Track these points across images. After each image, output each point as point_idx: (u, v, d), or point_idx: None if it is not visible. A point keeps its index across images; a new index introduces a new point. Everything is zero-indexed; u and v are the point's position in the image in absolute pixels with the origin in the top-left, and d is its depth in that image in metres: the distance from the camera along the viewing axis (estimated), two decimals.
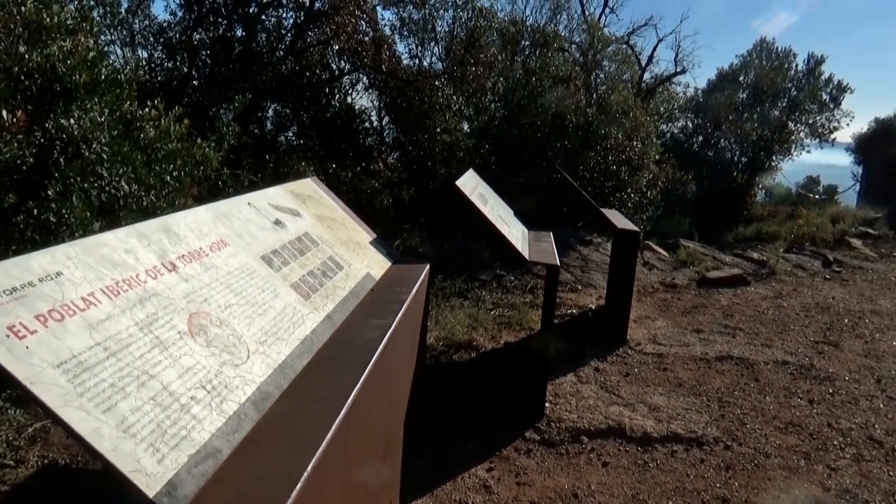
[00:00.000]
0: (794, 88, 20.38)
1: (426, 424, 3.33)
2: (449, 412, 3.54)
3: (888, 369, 4.74)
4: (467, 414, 3.55)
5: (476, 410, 3.58)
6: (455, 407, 3.62)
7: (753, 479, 3.12)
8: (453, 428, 3.40)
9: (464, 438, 3.31)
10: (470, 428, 3.41)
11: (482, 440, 3.31)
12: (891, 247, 9.98)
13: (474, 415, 3.54)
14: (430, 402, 3.54)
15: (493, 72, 10.44)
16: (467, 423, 3.46)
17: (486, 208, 3.51)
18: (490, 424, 3.46)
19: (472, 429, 3.41)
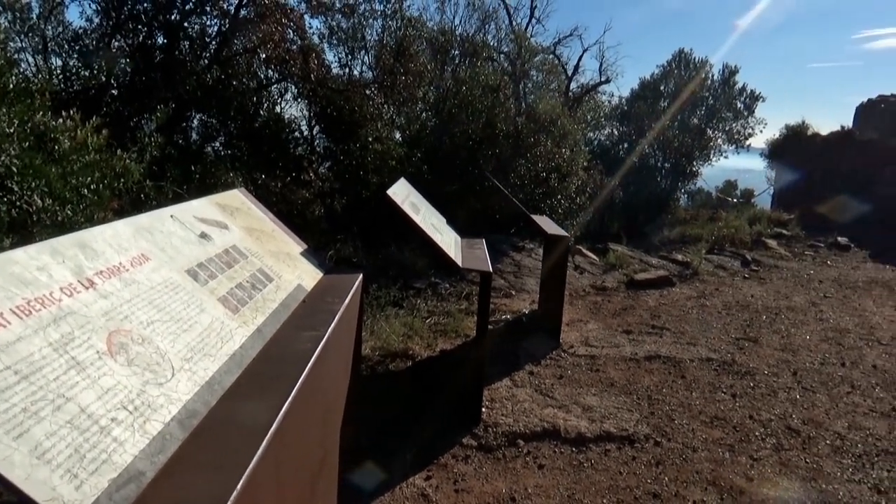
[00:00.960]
0: (711, 97, 21.35)
1: (363, 435, 3.31)
2: (386, 422, 3.52)
3: (803, 362, 5.02)
4: (405, 423, 3.54)
5: (413, 419, 3.58)
6: (392, 417, 3.60)
7: (682, 473, 3.23)
8: (391, 438, 3.38)
9: (402, 448, 3.29)
10: (408, 437, 3.40)
11: (420, 449, 3.31)
12: (803, 246, 10.56)
13: (412, 424, 3.53)
14: (366, 412, 3.51)
15: (424, 81, 10.50)
16: (405, 432, 3.45)
17: (418, 217, 3.52)
18: (428, 433, 3.46)
19: (410, 438, 3.40)
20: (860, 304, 7.01)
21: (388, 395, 3.89)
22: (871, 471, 3.38)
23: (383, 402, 3.76)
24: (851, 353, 5.32)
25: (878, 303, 7.12)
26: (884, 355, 5.30)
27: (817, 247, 10.55)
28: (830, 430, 3.84)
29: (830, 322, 6.19)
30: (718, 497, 3.03)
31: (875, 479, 3.29)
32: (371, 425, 3.45)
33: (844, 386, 4.57)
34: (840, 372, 4.85)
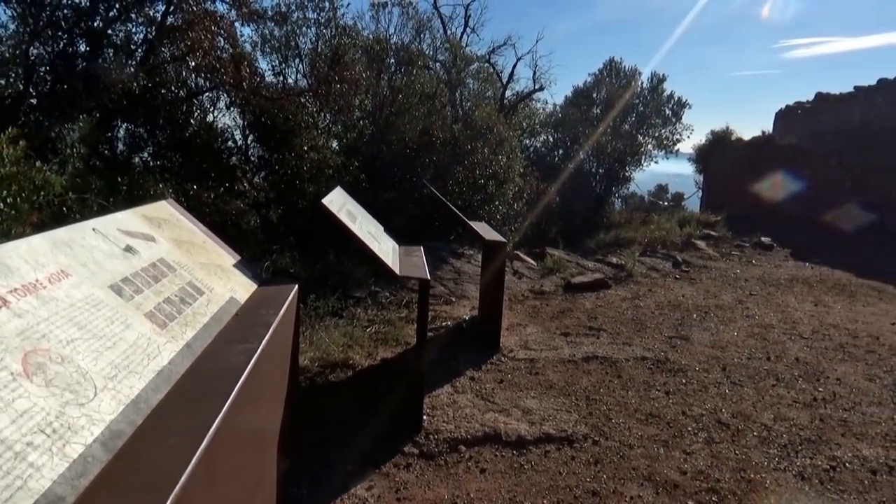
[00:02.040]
0: (641, 104, 22.05)
1: (303, 448, 3.25)
2: (326, 434, 3.47)
3: (731, 357, 5.23)
4: (345, 434, 3.50)
5: (354, 429, 3.54)
6: (332, 427, 3.55)
7: (620, 471, 3.31)
8: (331, 449, 3.33)
9: (343, 459, 3.25)
10: (349, 448, 3.36)
11: (361, 459, 3.27)
12: (729, 247, 11.02)
13: (353, 434, 3.50)
14: (306, 425, 3.45)
15: (360, 89, 10.46)
16: (346, 443, 3.41)
17: (354, 226, 3.50)
18: (369, 442, 3.43)
19: (351, 448, 3.36)
20: (783, 300, 7.36)
21: (328, 406, 3.83)
22: (795, 459, 3.55)
23: (323, 414, 3.71)
24: (776, 347, 5.57)
25: (800, 299, 7.50)
26: (805, 348, 5.58)
27: (743, 247, 11.03)
28: (758, 422, 4.00)
29: (756, 319, 6.47)
30: (654, 492, 3.12)
31: (799, 467, 3.46)
32: (311, 437, 3.39)
33: (770, 379, 4.78)
34: (766, 366, 5.07)
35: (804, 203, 14.46)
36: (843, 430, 3.97)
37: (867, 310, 7.17)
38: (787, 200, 14.75)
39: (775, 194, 14.77)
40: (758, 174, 15.43)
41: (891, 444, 3.82)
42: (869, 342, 5.86)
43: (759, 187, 15.18)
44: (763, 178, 15.26)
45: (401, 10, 14.96)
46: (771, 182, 15.01)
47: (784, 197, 14.77)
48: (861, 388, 4.69)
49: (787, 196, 14.77)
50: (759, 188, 15.16)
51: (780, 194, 14.74)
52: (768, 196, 14.94)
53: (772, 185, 14.97)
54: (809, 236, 12.17)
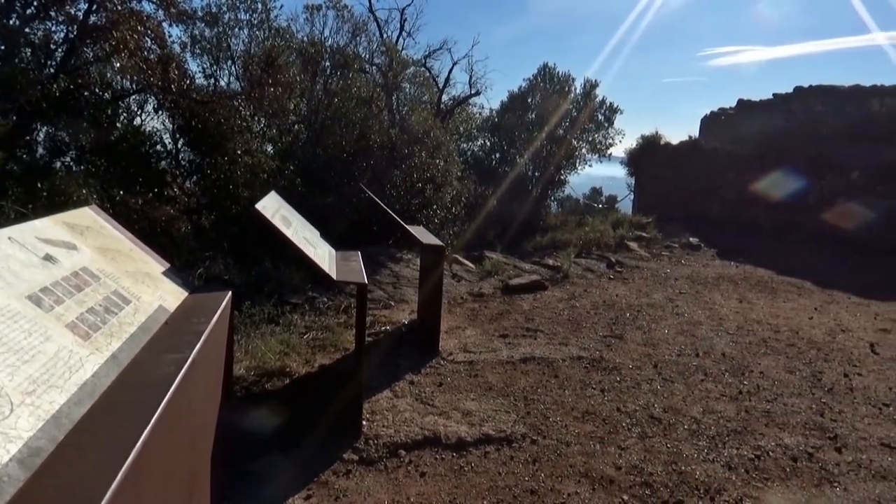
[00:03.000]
0: (575, 109, 22.56)
1: (238, 460, 3.18)
2: (263, 443, 3.40)
3: (662, 354, 5.40)
4: (283, 443, 3.43)
5: (292, 438, 3.48)
6: (269, 437, 3.48)
7: (557, 468, 3.37)
8: (269, 459, 3.27)
9: (280, 469, 3.19)
10: (286, 457, 3.31)
11: (300, 468, 3.22)
12: (660, 247, 11.39)
13: (290, 443, 3.44)
14: (241, 435, 3.37)
15: (295, 92, 10.31)
16: (283, 452, 3.35)
17: (289, 231, 3.44)
18: (307, 451, 3.38)
19: (289, 457, 3.30)
20: (710, 298, 7.66)
21: (264, 415, 3.75)
22: (723, 450, 3.70)
23: (259, 423, 3.63)
24: (704, 343, 5.79)
25: (725, 296, 7.82)
26: (731, 343, 5.82)
27: (672, 247, 11.42)
28: (688, 416, 4.15)
29: (685, 316, 6.71)
30: (590, 488, 3.20)
31: (726, 458, 3.61)
32: (247, 447, 3.32)
33: (699, 374, 4.97)
34: (695, 362, 5.26)
35: (728, 204, 15.11)
36: (767, 420, 4.16)
37: (787, 305, 7.55)
38: (713, 201, 15.36)
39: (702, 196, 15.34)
40: (686, 177, 16.02)
41: (810, 432, 4.03)
42: (789, 336, 6.16)
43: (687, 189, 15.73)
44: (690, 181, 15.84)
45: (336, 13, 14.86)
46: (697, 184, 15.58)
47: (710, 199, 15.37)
48: (782, 381, 4.93)
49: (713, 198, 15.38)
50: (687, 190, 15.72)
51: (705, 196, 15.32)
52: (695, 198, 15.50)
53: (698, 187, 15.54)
54: (734, 236, 12.71)
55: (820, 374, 5.15)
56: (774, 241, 12.86)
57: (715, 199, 15.35)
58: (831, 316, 7.14)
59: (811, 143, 14.39)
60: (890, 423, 4.28)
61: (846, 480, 3.44)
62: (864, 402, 4.62)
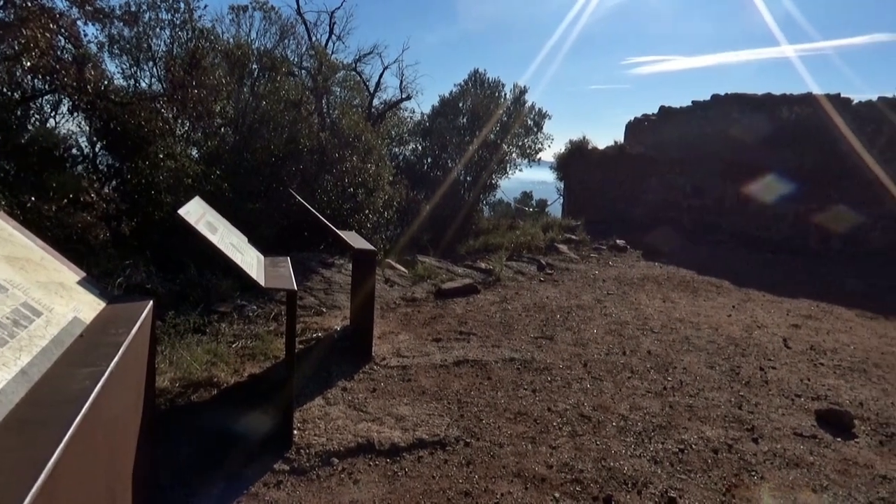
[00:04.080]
0: (505, 115, 22.91)
1: (162, 476, 3.05)
2: (189, 457, 3.29)
3: (592, 354, 5.54)
4: (210, 456, 3.33)
5: (220, 450, 3.38)
6: (196, 450, 3.37)
7: (491, 469, 3.40)
8: (195, 473, 3.16)
9: (207, 483, 3.09)
10: (214, 470, 3.20)
11: (229, 481, 3.13)
12: (588, 249, 11.69)
13: (218, 455, 3.33)
14: (165, 450, 3.25)
15: (221, 95, 10.03)
16: (211, 465, 3.24)
17: (214, 237, 3.35)
18: (237, 463, 3.28)
19: (217, 471, 3.20)
20: (636, 298, 7.92)
21: (190, 427, 3.63)
22: (649, 445, 3.83)
23: (186, 436, 3.50)
24: (630, 342, 5.98)
25: (650, 296, 8.10)
26: (656, 342, 6.03)
27: (600, 249, 11.74)
28: (616, 413, 4.28)
29: (613, 316, 6.91)
30: (523, 487, 3.24)
31: (652, 452, 3.73)
32: (172, 462, 3.19)
33: (626, 372, 5.12)
34: (622, 360, 5.43)
35: (652, 207, 15.66)
36: (690, 414, 4.33)
37: (708, 304, 7.89)
38: (638, 204, 15.89)
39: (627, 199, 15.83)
40: (612, 181, 16.50)
41: (729, 424, 4.22)
42: (710, 333, 6.44)
43: (614, 193, 16.20)
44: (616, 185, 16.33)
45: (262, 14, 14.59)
46: (623, 188, 16.07)
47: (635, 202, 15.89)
48: (703, 376, 5.15)
49: (638, 201, 15.91)
50: (614, 194, 16.18)
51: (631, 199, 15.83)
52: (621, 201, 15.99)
53: (624, 191, 16.02)
54: (657, 238, 13.17)
55: (738, 368, 5.41)
56: (695, 242, 13.41)
57: (640, 202, 15.87)
58: (748, 313, 7.50)
59: (728, 148, 15.10)
60: (802, 412, 4.54)
61: (763, 469, 3.62)
62: (779, 393, 4.88)
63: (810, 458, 3.82)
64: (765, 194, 14.22)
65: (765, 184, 14.24)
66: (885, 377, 5.53)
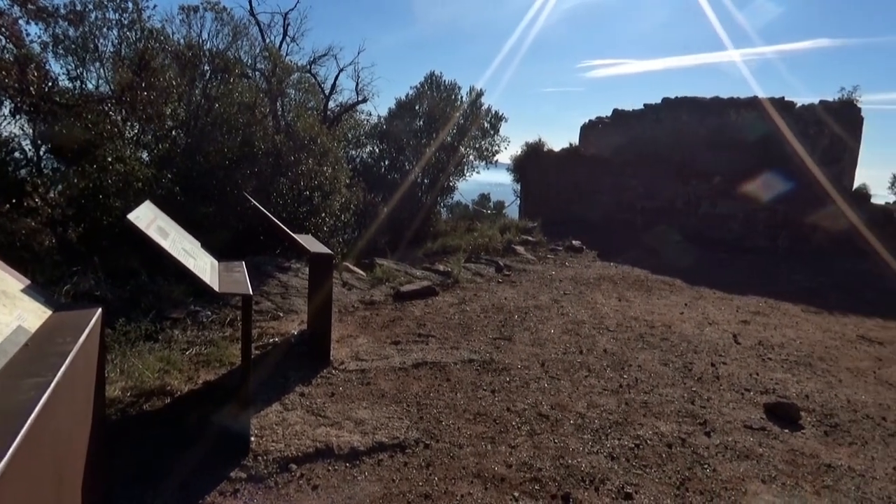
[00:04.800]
0: (462, 117, 23.01)
1: (114, 488, 2.97)
2: (141, 468, 3.20)
3: (549, 354, 5.60)
4: (164, 466, 3.24)
5: (174, 460, 3.30)
6: (149, 461, 3.28)
7: (451, 471, 3.41)
8: (148, 484, 3.08)
9: (161, 495, 3.01)
10: (169, 481, 3.12)
11: (183, 491, 3.05)
12: (545, 250, 11.82)
13: (172, 465, 3.25)
14: (117, 461, 3.16)
15: (172, 97, 9.81)
16: (165, 476, 3.16)
17: (166, 242, 3.27)
18: (192, 472, 3.21)
19: (171, 481, 3.12)
20: (592, 297, 8.04)
21: (143, 437, 3.54)
22: (605, 441, 3.90)
23: (138, 447, 3.41)
24: (587, 341, 6.07)
25: (606, 295, 8.24)
26: (612, 340, 6.14)
27: (557, 250, 11.88)
28: (573, 411, 4.33)
29: (570, 316, 7.00)
30: (483, 487, 3.26)
31: (609, 448, 3.80)
32: (124, 474, 3.11)
33: (583, 371, 5.20)
34: (579, 359, 5.50)
35: (607, 208, 15.94)
36: (645, 411, 4.43)
37: (661, 302, 8.07)
38: (593, 205, 16.14)
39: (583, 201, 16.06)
40: (568, 182, 16.73)
41: (682, 419, 4.32)
42: (663, 331, 6.59)
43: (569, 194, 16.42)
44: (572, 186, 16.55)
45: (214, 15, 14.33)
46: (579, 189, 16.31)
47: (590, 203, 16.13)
48: (658, 373, 5.26)
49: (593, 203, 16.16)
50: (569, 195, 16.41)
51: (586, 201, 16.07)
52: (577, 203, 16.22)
53: (579, 192, 16.25)
54: (613, 238, 13.41)
55: (690, 364, 5.54)
56: (649, 241, 13.68)
57: (595, 204, 16.12)
58: (699, 311, 7.70)
59: (678, 150, 15.49)
60: (751, 406, 4.68)
61: (714, 462, 3.72)
62: (729, 388, 5.03)
63: (760, 450, 3.94)
64: (714, 196, 14.63)
65: (714, 185, 14.65)
66: (829, 370, 5.75)
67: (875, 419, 4.65)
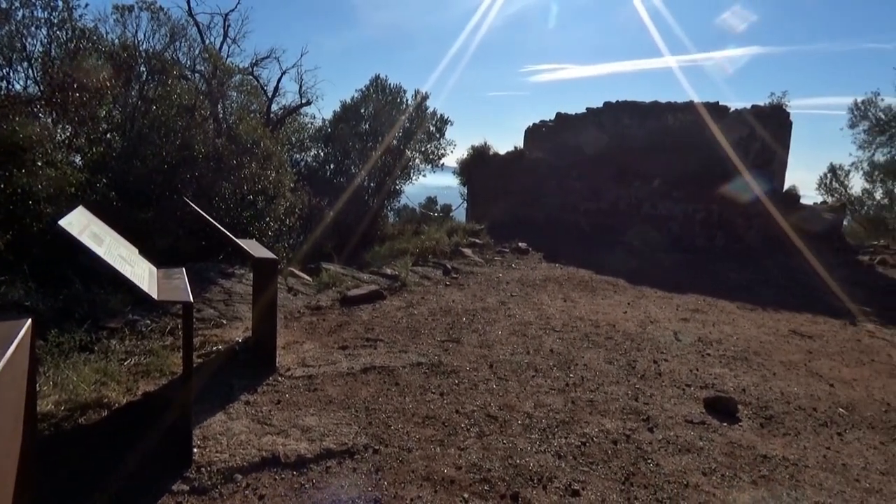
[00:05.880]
0: (407, 120, 23.02)
1: None
2: (78, 485, 3.07)
3: (497, 355, 5.65)
4: (101, 482, 3.12)
5: (112, 475, 3.17)
6: (85, 477, 3.15)
7: (400, 475, 3.39)
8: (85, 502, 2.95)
9: None
10: (107, 498, 3.00)
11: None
12: (492, 253, 11.90)
13: (110, 481, 3.13)
14: (52, 479, 3.02)
15: (106, 99, 9.47)
16: (102, 491, 3.04)
17: (101, 249, 3.15)
18: (131, 488, 3.09)
19: (109, 498, 3.00)
20: (538, 299, 8.15)
21: (79, 453, 3.39)
22: (553, 440, 3.95)
23: (73, 463, 3.27)
24: (534, 342, 6.14)
25: (552, 296, 8.36)
26: (558, 340, 6.23)
27: (504, 252, 11.99)
28: (521, 412, 4.38)
29: (517, 317, 7.07)
30: (432, 490, 3.25)
31: (556, 447, 3.85)
32: (59, 492, 2.97)
33: (530, 371, 5.26)
34: (526, 359, 5.57)
35: (552, 210, 16.18)
36: (591, 409, 4.51)
37: (605, 302, 8.24)
38: (538, 208, 16.35)
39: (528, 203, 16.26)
40: (514, 185, 16.91)
41: (627, 416, 4.43)
42: (608, 330, 6.73)
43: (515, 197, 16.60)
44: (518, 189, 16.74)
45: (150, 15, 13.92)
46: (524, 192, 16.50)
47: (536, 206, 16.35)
48: (603, 371, 5.37)
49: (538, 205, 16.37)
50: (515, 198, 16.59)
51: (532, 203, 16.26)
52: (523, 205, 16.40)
53: (525, 195, 16.45)
54: (559, 240, 13.62)
55: (634, 362, 5.68)
56: (593, 243, 13.96)
57: (540, 206, 16.34)
58: (642, 309, 7.90)
59: (620, 153, 15.87)
60: (692, 401, 4.83)
61: (658, 457, 3.82)
62: (671, 384, 5.17)
63: (700, 444, 4.06)
64: (655, 197, 15.05)
65: (654, 188, 15.07)
66: (764, 364, 5.98)
67: (807, 410, 4.86)
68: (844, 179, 23.85)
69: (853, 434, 4.50)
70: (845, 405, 5.06)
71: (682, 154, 15.03)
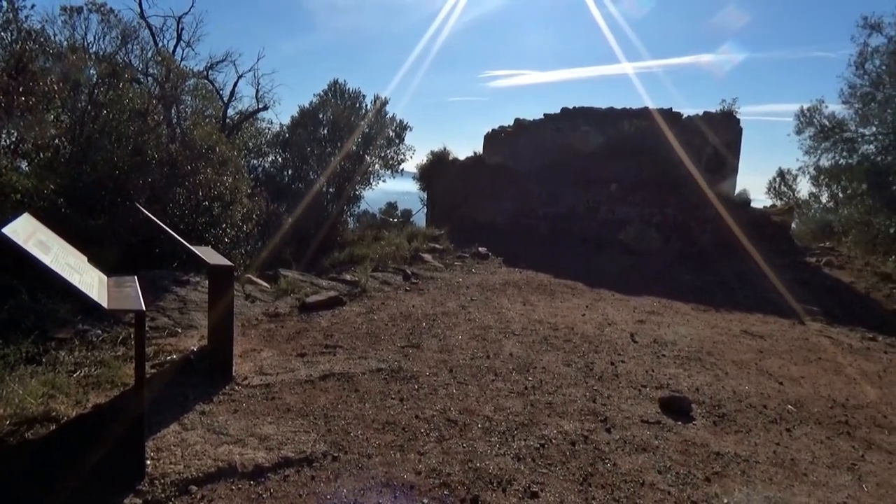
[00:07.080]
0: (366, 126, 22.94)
1: None
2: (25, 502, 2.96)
3: (457, 360, 5.66)
4: (48, 498, 3.02)
5: (61, 491, 3.08)
6: (34, 495, 3.04)
7: (359, 482, 3.38)
8: None
9: None
10: None
11: None
12: (452, 258, 11.93)
13: (58, 497, 3.03)
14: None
15: (54, 103, 9.20)
16: None
17: (47, 257, 3.06)
18: (80, 503, 3.01)
19: None
20: (498, 303, 8.20)
21: (25, 469, 3.28)
22: (512, 443, 3.98)
23: (18, 480, 3.16)
24: (494, 345, 6.18)
25: (511, 300, 8.42)
26: (517, 344, 6.28)
27: (464, 257, 12.03)
28: (481, 415, 4.40)
29: (477, 322, 7.10)
30: (392, 496, 3.25)
31: (516, 450, 3.89)
32: None
33: (490, 375, 5.29)
34: (486, 363, 5.59)
35: (511, 215, 16.31)
36: (549, 411, 4.56)
37: (564, 305, 8.34)
38: (498, 213, 16.47)
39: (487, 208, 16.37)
40: (473, 191, 17.00)
41: (585, 417, 4.49)
42: (566, 333, 6.81)
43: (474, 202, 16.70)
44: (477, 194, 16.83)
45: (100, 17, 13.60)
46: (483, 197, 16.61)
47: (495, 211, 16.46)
48: (561, 374, 5.43)
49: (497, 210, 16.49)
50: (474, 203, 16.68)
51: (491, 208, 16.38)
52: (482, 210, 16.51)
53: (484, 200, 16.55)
54: (517, 244, 13.74)
55: (592, 364, 5.77)
56: (552, 247, 14.12)
57: (500, 211, 16.45)
58: (599, 312, 8.03)
59: (578, 158, 16.10)
60: (647, 401, 4.92)
61: (615, 456, 3.89)
62: (627, 385, 5.26)
63: (656, 443, 4.15)
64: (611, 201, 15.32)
65: (611, 192, 15.34)
66: (717, 364, 6.14)
67: (757, 408, 5.01)
68: (792, 183, 24.72)
69: (801, 430, 4.65)
70: (794, 402, 5.23)
71: (638, 159, 15.34)
